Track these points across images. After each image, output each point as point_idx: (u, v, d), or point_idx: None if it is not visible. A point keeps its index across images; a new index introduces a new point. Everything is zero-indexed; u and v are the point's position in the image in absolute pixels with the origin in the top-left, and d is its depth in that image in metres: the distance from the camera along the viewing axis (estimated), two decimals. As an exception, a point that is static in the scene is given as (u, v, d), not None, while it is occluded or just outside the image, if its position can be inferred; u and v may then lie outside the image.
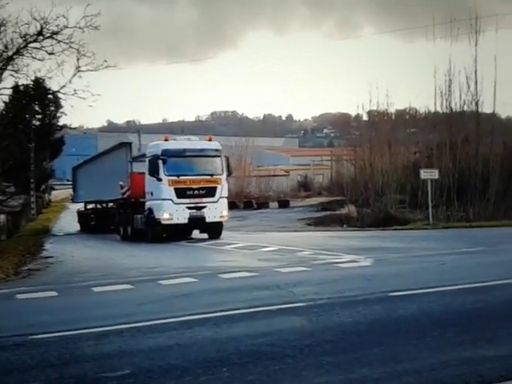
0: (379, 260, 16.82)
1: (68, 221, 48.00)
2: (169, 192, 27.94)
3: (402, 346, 7.71)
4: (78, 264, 20.73)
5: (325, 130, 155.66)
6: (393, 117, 46.59)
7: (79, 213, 43.73)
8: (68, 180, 70.60)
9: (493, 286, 11.53)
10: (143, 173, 29.72)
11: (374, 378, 6.49)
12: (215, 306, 10.64)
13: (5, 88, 32.67)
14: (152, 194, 28.72)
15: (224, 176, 29.13)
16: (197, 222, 28.42)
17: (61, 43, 30.38)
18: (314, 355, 7.39)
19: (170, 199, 27.96)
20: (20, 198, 51.17)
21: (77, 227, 42.29)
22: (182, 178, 28.26)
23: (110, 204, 37.24)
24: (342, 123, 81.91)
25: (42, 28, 30.56)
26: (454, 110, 39.61)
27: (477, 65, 38.18)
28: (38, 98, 45.81)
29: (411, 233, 28.68)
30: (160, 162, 28.09)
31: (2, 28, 30.37)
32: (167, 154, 28.22)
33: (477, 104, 38.75)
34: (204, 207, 28.31)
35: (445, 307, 9.91)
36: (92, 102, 33.14)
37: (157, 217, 28.17)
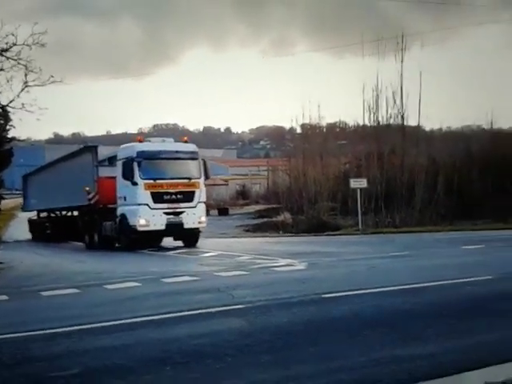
0: (313, 264, 16.89)
1: (17, 229, 46.81)
2: (145, 196, 25.09)
3: (335, 345, 7.76)
4: (28, 269, 20.26)
5: (261, 142, 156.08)
6: (324, 130, 47.25)
7: (31, 221, 41.32)
8: (17, 190, 69.04)
9: (420, 288, 11.69)
10: (111, 177, 27.01)
11: (309, 374, 6.51)
12: (159, 308, 10.52)
13: (-44, 103, 31.83)
14: (125, 198, 25.84)
15: (202, 180, 26.32)
16: (174, 228, 25.47)
17: (9, 60, 29.89)
18: (253, 354, 7.38)
19: (146, 204, 25.09)
20: (-31, 208, 49.96)
21: (27, 235, 40.16)
22: (158, 181, 25.28)
23: (68, 212, 35.02)
24: (278, 135, 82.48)
25: (-9, 46, 29.88)
26: (381, 123, 40.30)
27: (402, 80, 38.91)
28: (-13, 111, 45.01)
29: (342, 238, 28.99)
30: (135, 164, 25.18)
31: (-47, 45, 29.66)
32: (142, 156, 25.31)
33: (402, 117, 39.51)
34: (182, 213, 25.46)
35: (375, 308, 10.01)
36: (39, 116, 32.49)
37: (131, 223, 25.27)
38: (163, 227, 25.22)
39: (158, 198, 25.07)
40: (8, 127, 52.26)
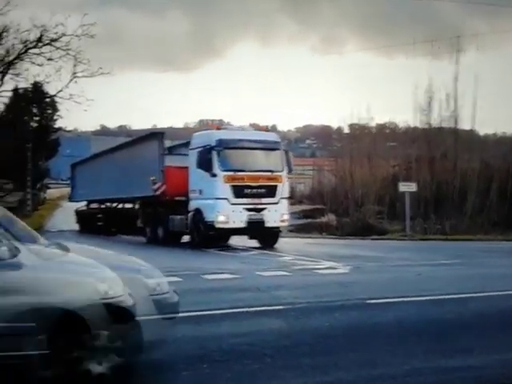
0: (357, 268, 16.77)
1: (60, 219, 47.29)
2: (224, 190, 22.94)
3: (377, 352, 7.66)
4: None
5: (307, 141, 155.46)
6: (373, 130, 46.78)
7: (79, 212, 39.50)
8: (62, 180, 69.92)
9: (467, 298, 11.50)
10: (180, 167, 25.03)
11: (349, 380, 6.46)
12: (198, 305, 10.54)
13: (5, 90, 32.57)
14: (201, 191, 23.68)
15: (285, 173, 24.26)
16: (255, 226, 23.23)
17: (59, 50, 30.37)
18: (292, 356, 7.35)
19: (226, 199, 22.96)
20: (17, 195, 50.95)
21: (72, 226, 38.48)
22: (239, 173, 23.20)
23: (123, 204, 33.52)
24: (324, 135, 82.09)
25: (41, 35, 30.55)
26: (432, 126, 39.75)
27: (457, 83, 38.32)
28: (36, 100, 45.85)
29: (389, 243, 28.70)
30: (214, 154, 23.06)
31: (4, 34, 30.27)
32: (222, 145, 23.13)
33: (456, 121, 38.91)
34: (263, 209, 23.33)
35: (419, 316, 9.87)
36: (86, 107, 32.98)
37: (208, 219, 23.10)
38: (243, 225, 23.10)
39: (238, 192, 23.05)
40: (55, 117, 53.40)
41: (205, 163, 23.18)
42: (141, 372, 6.74)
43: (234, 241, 25.25)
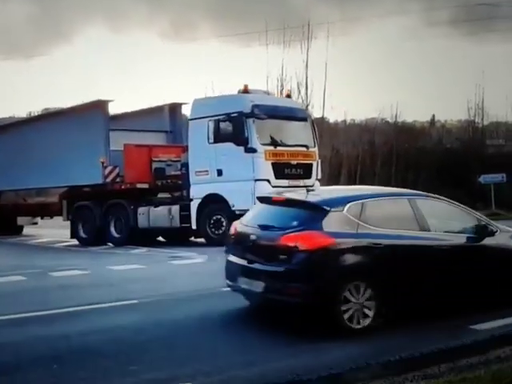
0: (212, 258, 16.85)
1: None
2: (266, 169, 19.00)
3: (243, 341, 7.80)
4: None
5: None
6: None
7: None
8: None
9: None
10: (144, 145, 21.66)
11: (205, 371, 6.54)
12: (47, 303, 10.28)
13: None
14: (220, 172, 19.33)
15: (317, 149, 20.86)
16: None
17: None
18: (147, 351, 7.34)
19: (267, 180, 18.96)
20: None
21: None
22: (280, 149, 19.54)
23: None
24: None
25: None
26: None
27: (307, 70, 39.33)
28: None
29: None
30: (250, 123, 18.94)
31: None
32: (260, 113, 19.15)
33: (306, 108, 39.95)
34: None
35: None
36: None
37: (240, 207, 17.76)
38: None
39: (279, 171, 19.30)
40: None
41: (235, 135, 19.05)
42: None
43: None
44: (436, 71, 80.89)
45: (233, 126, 19.11)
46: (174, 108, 24.78)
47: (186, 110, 23.15)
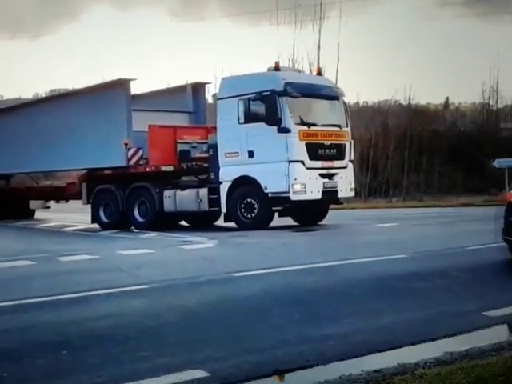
0: (223, 242, 16.88)
1: None
2: (300, 150, 18.61)
3: (244, 326, 7.80)
4: None
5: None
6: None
7: None
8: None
9: (331, 267, 11.89)
10: (170, 126, 21.26)
11: (216, 357, 6.52)
12: (54, 289, 10.30)
13: None
14: (251, 153, 18.97)
15: (349, 129, 20.50)
16: (329, 197, 19.45)
17: None
18: (157, 337, 7.33)
19: (302, 161, 18.67)
20: None
21: None
22: (314, 128, 19.16)
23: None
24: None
25: None
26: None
27: (319, 51, 39.10)
28: None
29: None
30: (283, 102, 18.51)
31: None
32: (294, 91, 18.72)
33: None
34: (335, 175, 19.46)
35: (286, 287, 10.11)
36: None
37: (273, 190, 18.43)
38: (319, 196, 18.96)
39: (313, 152, 18.90)
40: None
41: (267, 115, 18.66)
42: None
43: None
44: (450, 53, 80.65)
45: (265, 106, 18.75)
46: (197, 88, 24.36)
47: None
